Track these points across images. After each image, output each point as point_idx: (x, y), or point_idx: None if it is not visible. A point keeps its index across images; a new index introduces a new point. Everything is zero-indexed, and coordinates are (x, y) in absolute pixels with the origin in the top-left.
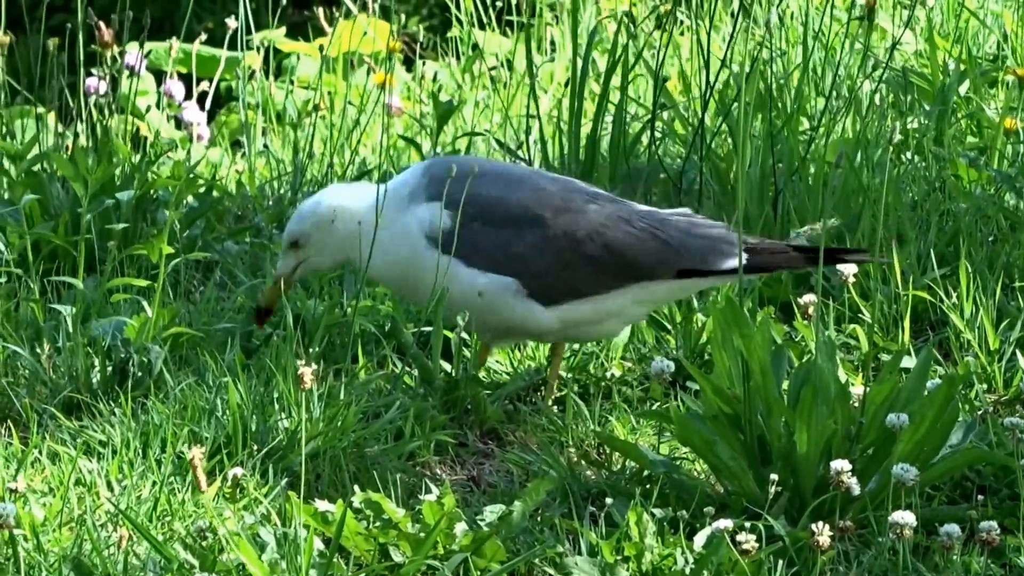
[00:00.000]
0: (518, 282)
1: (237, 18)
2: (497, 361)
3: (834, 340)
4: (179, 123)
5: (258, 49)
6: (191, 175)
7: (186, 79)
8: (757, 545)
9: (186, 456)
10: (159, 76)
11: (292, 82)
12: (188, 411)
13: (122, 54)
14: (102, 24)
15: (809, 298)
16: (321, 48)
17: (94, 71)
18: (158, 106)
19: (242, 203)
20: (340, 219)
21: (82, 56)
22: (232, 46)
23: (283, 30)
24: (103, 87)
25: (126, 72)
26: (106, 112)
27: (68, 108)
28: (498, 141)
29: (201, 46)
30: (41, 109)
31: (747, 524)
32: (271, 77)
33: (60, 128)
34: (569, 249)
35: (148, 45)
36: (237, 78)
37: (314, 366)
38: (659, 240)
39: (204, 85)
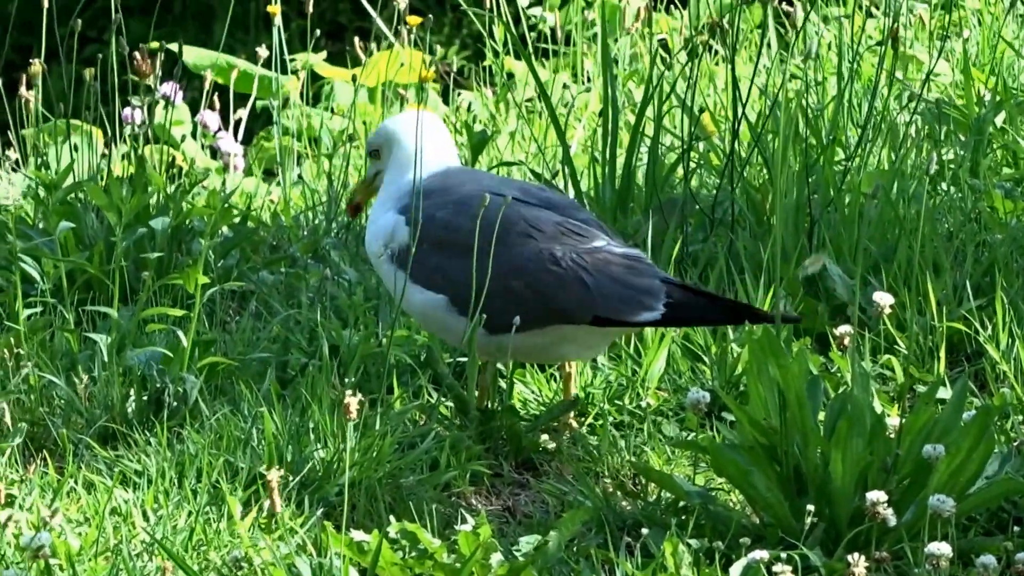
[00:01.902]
0: (447, 300)
1: (271, 49)
2: (532, 391)
3: (869, 371)
4: (214, 152)
5: (296, 74)
6: (226, 205)
7: (221, 109)
8: None
9: (222, 486)
10: (194, 107)
11: (331, 110)
12: (224, 441)
13: (157, 80)
14: (138, 54)
15: (845, 329)
16: (354, 78)
17: (133, 100)
18: (193, 136)
19: (277, 233)
20: (399, 146)
21: (116, 84)
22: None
23: (323, 54)
24: (139, 116)
25: (161, 102)
26: (140, 141)
27: (104, 137)
28: (533, 172)
29: (246, 63)
30: (80, 128)
31: (783, 555)
32: (307, 103)
33: (103, 150)
34: (495, 280)
35: (190, 50)
36: (272, 107)
37: (359, 396)
38: (580, 284)
39: (241, 111)
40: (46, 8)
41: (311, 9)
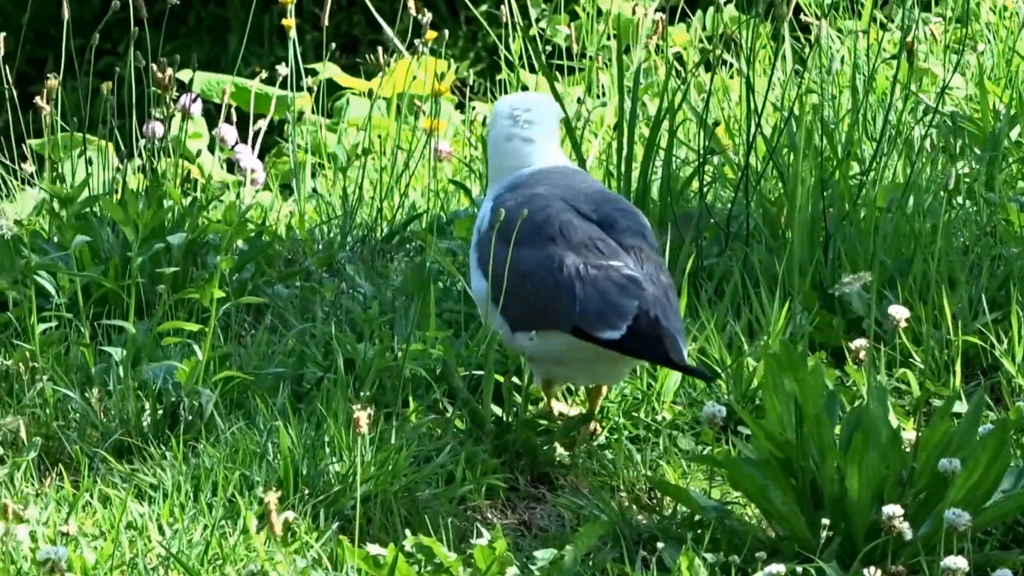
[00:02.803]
0: (488, 290)
1: (287, 63)
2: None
3: (885, 385)
4: (230, 166)
5: (310, 90)
6: (242, 219)
7: (238, 121)
8: None
9: (237, 500)
10: (211, 120)
11: (344, 122)
12: (239, 455)
13: (175, 90)
14: (157, 65)
15: (860, 343)
16: (370, 92)
17: (155, 112)
18: (210, 149)
19: (292, 247)
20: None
21: (133, 97)
22: (286, 86)
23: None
24: (160, 130)
25: (178, 115)
26: (158, 154)
27: (119, 151)
28: None
29: (256, 83)
30: (96, 143)
31: (799, 569)
32: (322, 117)
33: (117, 164)
34: (513, 279)
35: (200, 75)
36: (287, 121)
37: (369, 410)
38: (570, 293)
39: (259, 123)
40: (67, 20)
41: (327, 22)
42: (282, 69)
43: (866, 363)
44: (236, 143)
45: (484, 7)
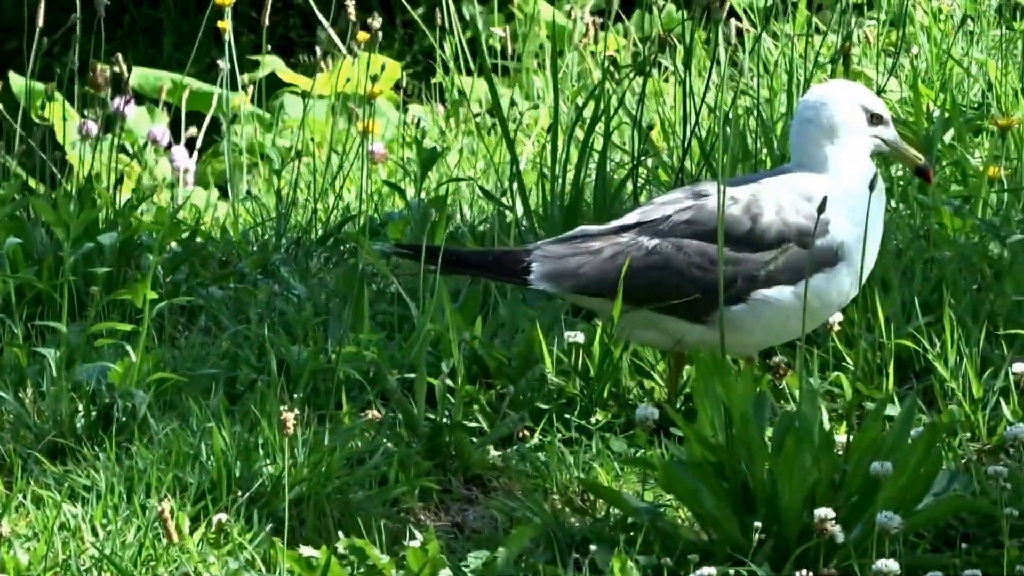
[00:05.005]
0: None
1: (223, 64)
2: (481, 408)
3: (818, 388)
4: (166, 166)
5: (245, 88)
6: (175, 220)
7: (176, 119)
8: None
9: (157, 507)
10: (148, 122)
11: (280, 123)
12: (172, 456)
13: (109, 94)
14: (94, 66)
15: (779, 359)
16: (304, 94)
17: (86, 113)
18: (144, 149)
19: (226, 248)
20: None
21: (76, 99)
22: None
23: (278, 61)
24: (94, 129)
25: (115, 115)
26: (89, 155)
27: (55, 150)
28: (482, 189)
29: (193, 79)
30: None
31: (731, 571)
32: (259, 113)
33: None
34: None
35: (137, 70)
36: (221, 121)
37: (296, 411)
38: None
39: (192, 129)
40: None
41: (267, 21)
42: (222, 64)
43: (799, 365)
44: (170, 144)
45: (421, 9)
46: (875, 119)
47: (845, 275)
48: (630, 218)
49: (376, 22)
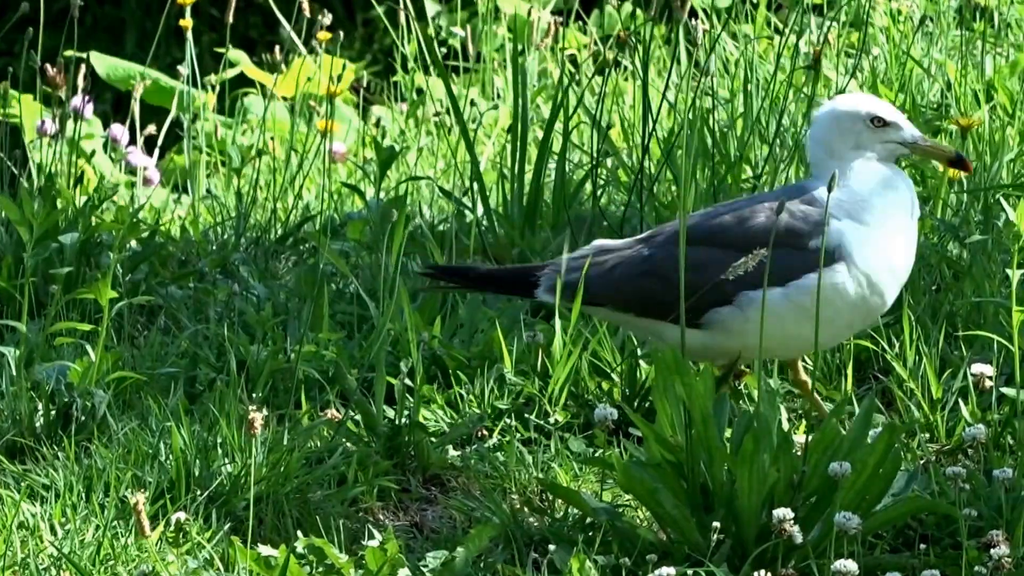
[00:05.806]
0: None
1: (184, 64)
2: (440, 408)
3: (777, 389)
4: (129, 166)
5: (212, 88)
6: (135, 219)
7: (130, 123)
8: None
9: (129, 500)
10: (105, 121)
11: (243, 122)
12: (132, 455)
13: (69, 93)
14: (49, 65)
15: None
16: (264, 90)
17: (46, 112)
18: (104, 149)
19: (186, 248)
20: None
21: (38, 97)
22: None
23: (244, 57)
24: (52, 128)
25: (72, 114)
26: (51, 155)
27: (15, 149)
28: (442, 189)
29: (160, 73)
30: None
31: (690, 572)
32: (219, 117)
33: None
34: None
35: (105, 59)
36: (182, 119)
37: (264, 411)
38: None
39: (151, 126)
40: None
41: (230, 19)
42: (183, 69)
43: (757, 367)
44: (129, 143)
45: (382, 8)
46: (880, 124)
47: (846, 276)
48: (649, 232)
49: (327, 19)
